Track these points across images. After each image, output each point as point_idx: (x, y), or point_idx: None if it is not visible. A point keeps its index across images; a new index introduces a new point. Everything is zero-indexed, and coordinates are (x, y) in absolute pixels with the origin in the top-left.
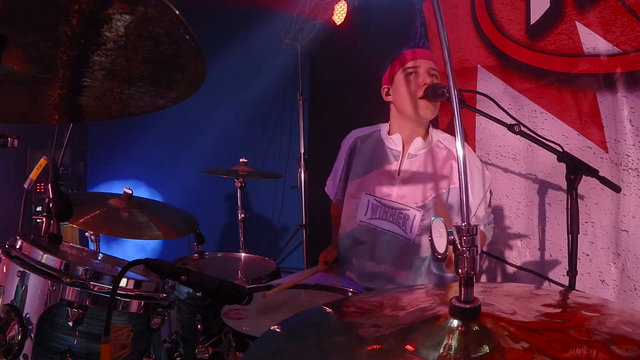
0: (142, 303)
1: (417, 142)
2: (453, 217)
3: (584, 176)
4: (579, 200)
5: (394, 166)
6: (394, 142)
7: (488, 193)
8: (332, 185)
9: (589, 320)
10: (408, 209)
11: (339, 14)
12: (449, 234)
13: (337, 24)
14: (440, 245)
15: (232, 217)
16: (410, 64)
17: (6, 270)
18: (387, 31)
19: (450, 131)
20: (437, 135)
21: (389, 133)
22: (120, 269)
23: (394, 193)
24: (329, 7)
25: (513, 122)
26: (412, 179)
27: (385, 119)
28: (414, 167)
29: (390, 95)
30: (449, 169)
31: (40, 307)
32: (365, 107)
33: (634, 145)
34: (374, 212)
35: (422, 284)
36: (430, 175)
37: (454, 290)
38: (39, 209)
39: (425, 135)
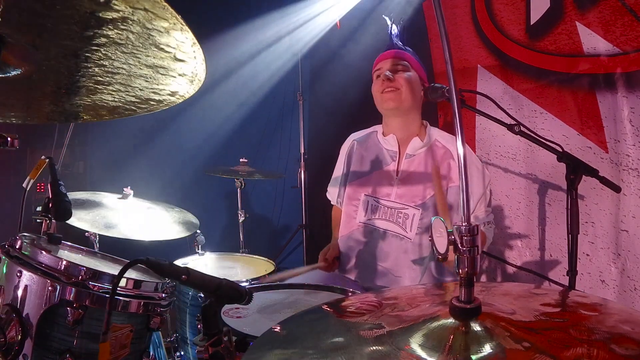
0: (142, 303)
1: (415, 142)
2: (452, 216)
3: (584, 176)
4: (579, 200)
5: (391, 166)
6: (389, 142)
7: (488, 191)
8: (333, 190)
9: (589, 319)
10: (407, 208)
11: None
12: (449, 234)
13: (339, 27)
14: (441, 245)
15: (232, 217)
16: (377, 66)
17: (6, 270)
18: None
19: (450, 131)
20: (435, 134)
21: (383, 134)
22: (120, 268)
23: (393, 193)
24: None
25: (513, 122)
26: (410, 178)
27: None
28: (412, 166)
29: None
30: (446, 167)
31: (40, 307)
32: (365, 107)
33: (634, 145)
34: (373, 212)
35: (422, 284)
36: (428, 174)
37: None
38: (38, 209)
39: (423, 134)
